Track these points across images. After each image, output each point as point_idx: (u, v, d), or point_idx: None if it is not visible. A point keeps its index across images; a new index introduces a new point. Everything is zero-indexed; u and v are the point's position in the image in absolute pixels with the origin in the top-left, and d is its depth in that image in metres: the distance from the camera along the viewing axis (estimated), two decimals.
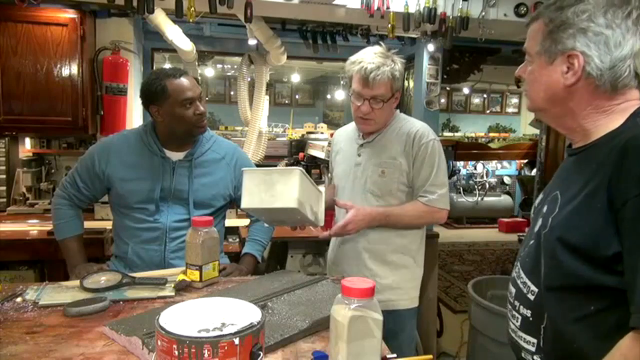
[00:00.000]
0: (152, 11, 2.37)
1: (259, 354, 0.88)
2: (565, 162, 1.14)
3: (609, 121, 1.01)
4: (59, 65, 2.87)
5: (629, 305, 0.89)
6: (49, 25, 2.84)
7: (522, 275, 1.12)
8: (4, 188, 3.15)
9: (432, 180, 1.79)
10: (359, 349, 0.97)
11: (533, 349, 1.07)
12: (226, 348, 0.84)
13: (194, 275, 1.57)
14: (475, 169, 4.01)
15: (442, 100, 5.21)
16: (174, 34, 3.09)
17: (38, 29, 2.82)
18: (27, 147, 3.22)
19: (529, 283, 1.09)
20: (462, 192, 3.86)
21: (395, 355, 1.14)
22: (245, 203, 1.52)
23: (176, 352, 0.84)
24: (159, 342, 0.87)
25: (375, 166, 1.83)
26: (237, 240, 3.04)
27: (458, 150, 3.68)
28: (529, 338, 1.09)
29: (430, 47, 3.38)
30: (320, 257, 2.91)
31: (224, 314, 0.93)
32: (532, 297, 1.08)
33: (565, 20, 0.99)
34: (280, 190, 1.47)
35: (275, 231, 2.12)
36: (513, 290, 1.15)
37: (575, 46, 0.99)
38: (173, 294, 1.50)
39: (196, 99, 1.81)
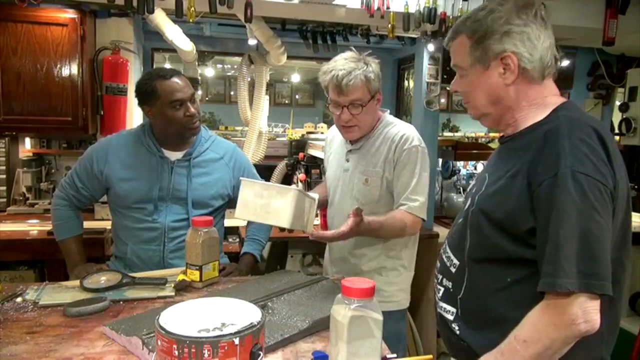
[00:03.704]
0: (152, 11, 2.36)
1: (259, 354, 0.88)
2: (497, 149, 1.27)
3: (536, 114, 1.13)
4: (59, 65, 2.86)
5: (540, 274, 1.00)
6: (49, 25, 2.83)
7: (448, 250, 1.24)
8: (4, 188, 3.15)
9: (412, 188, 1.72)
10: (359, 349, 0.97)
11: (451, 318, 1.19)
12: (226, 348, 0.84)
13: (194, 275, 1.57)
14: (475, 169, 3.99)
15: (442, 100, 5.20)
16: (174, 34, 3.09)
17: (38, 29, 2.81)
18: (27, 147, 3.21)
19: (452, 257, 1.21)
20: (462, 192, 3.85)
21: (395, 355, 1.14)
22: (239, 213, 1.56)
23: (176, 352, 0.84)
24: (159, 342, 0.87)
25: (360, 174, 1.80)
26: (237, 240, 3.04)
27: (458, 150, 3.66)
28: (448, 307, 1.21)
29: (430, 47, 3.37)
30: (320, 257, 2.91)
31: (224, 314, 0.93)
32: (453, 270, 1.20)
33: (487, 29, 1.10)
34: (275, 208, 1.50)
35: (275, 231, 2.12)
36: (438, 264, 1.28)
37: (506, 48, 1.10)
38: (173, 294, 1.50)
39: (187, 101, 1.79)
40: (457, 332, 1.17)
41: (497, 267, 1.10)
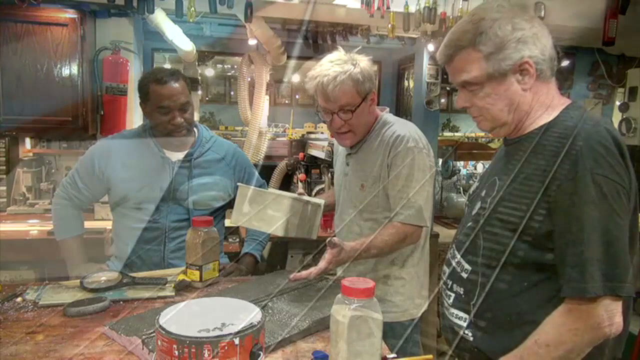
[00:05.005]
0: (152, 11, 2.37)
1: (259, 354, 0.88)
2: (501, 151, 1.24)
3: (545, 115, 1.12)
4: (59, 65, 2.86)
5: (559, 279, 1.01)
6: (49, 25, 2.83)
7: (457, 255, 1.21)
8: (4, 188, 3.15)
9: (407, 195, 1.59)
10: (359, 349, 0.97)
11: (464, 324, 1.15)
12: (226, 348, 0.84)
13: (194, 275, 1.57)
14: (475, 169, 4.00)
15: (442, 100, 5.20)
16: (174, 34, 3.09)
17: (38, 29, 2.81)
18: (27, 147, 3.21)
19: (463, 262, 1.18)
20: (462, 192, 3.86)
21: (395, 355, 1.14)
22: (234, 219, 1.55)
23: (176, 352, 0.84)
24: (159, 342, 0.87)
25: (357, 179, 1.71)
26: (237, 240, 3.04)
27: (458, 150, 3.67)
28: (460, 314, 1.17)
29: (430, 47, 3.38)
30: (320, 257, 2.90)
31: (224, 314, 0.93)
32: (465, 275, 1.17)
33: (500, 39, 1.07)
34: (270, 215, 1.48)
35: None
36: (447, 270, 1.24)
37: (523, 55, 1.07)
38: (173, 294, 1.50)
39: (174, 109, 1.78)
40: (470, 339, 1.14)
41: (514, 271, 1.08)
